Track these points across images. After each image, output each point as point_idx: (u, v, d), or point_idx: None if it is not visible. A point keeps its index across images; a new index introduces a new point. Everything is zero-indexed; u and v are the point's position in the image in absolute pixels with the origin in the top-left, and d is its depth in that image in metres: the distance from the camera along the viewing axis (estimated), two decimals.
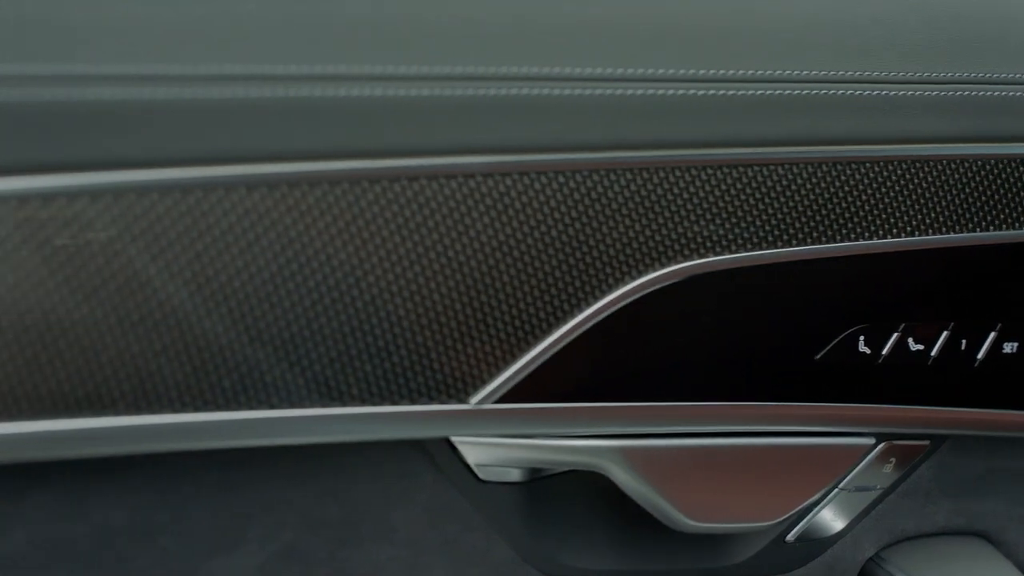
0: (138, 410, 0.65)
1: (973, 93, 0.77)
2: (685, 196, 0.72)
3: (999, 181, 0.77)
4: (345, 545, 0.78)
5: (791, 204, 0.74)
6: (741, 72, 0.73)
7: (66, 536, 0.72)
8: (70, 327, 0.63)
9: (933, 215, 0.78)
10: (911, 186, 0.77)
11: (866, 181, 0.76)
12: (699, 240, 0.73)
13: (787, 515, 0.87)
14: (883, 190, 0.76)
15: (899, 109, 0.76)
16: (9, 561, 0.70)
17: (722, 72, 0.73)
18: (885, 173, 0.76)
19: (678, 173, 0.72)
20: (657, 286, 0.73)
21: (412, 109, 0.66)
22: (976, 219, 0.78)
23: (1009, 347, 0.83)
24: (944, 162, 0.76)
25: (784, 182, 0.74)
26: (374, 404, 0.70)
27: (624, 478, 0.80)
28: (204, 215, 0.64)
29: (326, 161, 0.65)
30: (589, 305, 0.72)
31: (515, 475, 0.83)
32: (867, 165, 0.76)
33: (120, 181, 0.62)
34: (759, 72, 0.73)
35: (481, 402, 0.72)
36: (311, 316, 0.67)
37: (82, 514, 0.72)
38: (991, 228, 0.78)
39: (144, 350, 0.64)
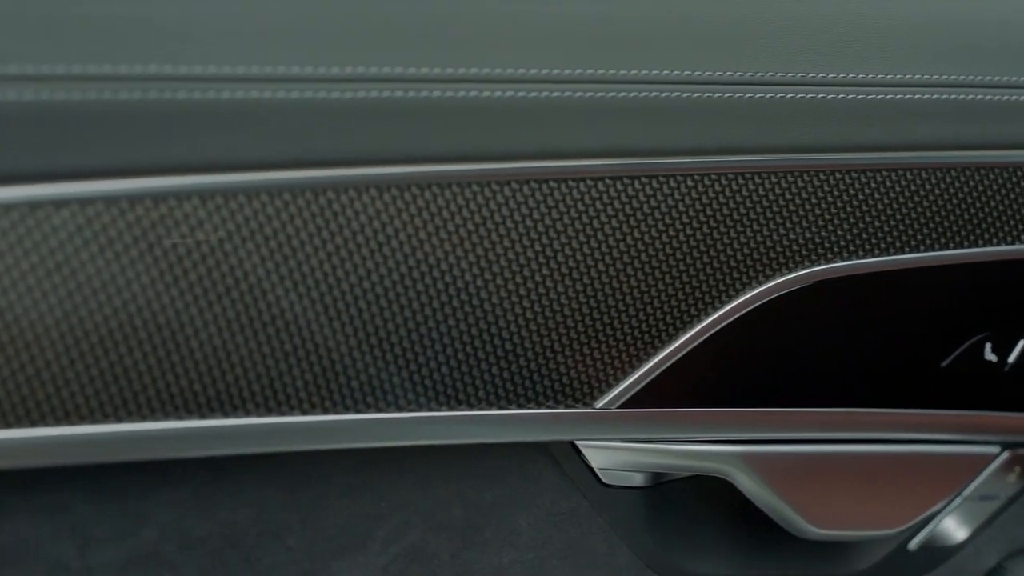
0: (268, 411, 0.66)
1: None
2: (813, 201, 0.72)
3: None
4: (469, 547, 0.79)
5: (919, 209, 0.74)
6: (871, 76, 0.72)
7: (195, 534, 0.72)
8: (201, 328, 0.63)
9: None
10: None
11: (995, 186, 0.75)
12: (826, 245, 0.73)
13: (910, 523, 0.86)
14: (1012, 195, 0.75)
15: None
16: (139, 558, 0.71)
17: (851, 76, 0.72)
18: (1015, 179, 0.75)
19: (806, 178, 0.71)
20: (783, 291, 0.73)
21: (541, 112, 0.66)
22: None
23: None
24: None
25: (912, 187, 0.73)
26: (500, 407, 0.70)
27: (748, 484, 0.79)
28: (335, 216, 0.64)
29: (457, 164, 0.65)
30: (716, 310, 0.72)
31: (638, 479, 0.82)
32: (996, 171, 0.75)
33: (257, 181, 0.63)
34: (888, 76, 0.73)
35: (606, 406, 0.72)
36: (439, 319, 0.67)
37: (211, 513, 0.72)
38: None
39: (273, 351, 0.65)
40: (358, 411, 0.68)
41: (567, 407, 0.71)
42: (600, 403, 0.72)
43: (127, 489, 0.71)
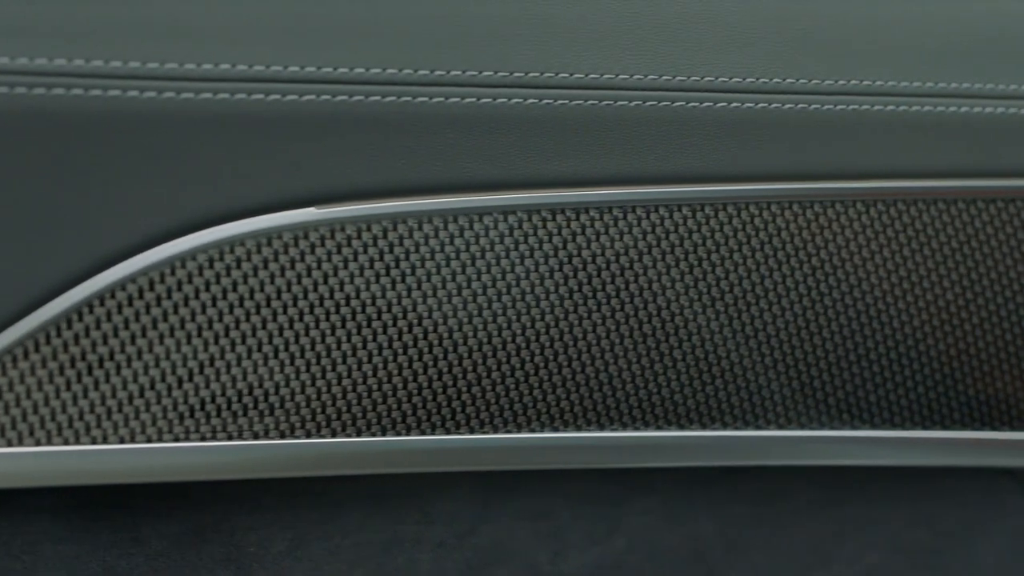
0: (744, 424, 0.66)
1: None
2: None
3: None
4: (929, 570, 0.77)
5: None
6: None
7: (662, 545, 0.73)
8: (685, 340, 0.64)
9: None
10: None
11: None
12: None
13: None
14: None
15: None
16: (607, 566, 0.72)
17: None
18: None
19: None
20: None
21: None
22: None
23: None
24: None
25: None
26: (973, 429, 0.69)
27: None
28: (778, 231, 0.64)
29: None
30: None
31: None
32: None
33: (679, 193, 0.63)
34: None
35: None
36: (915, 340, 0.66)
37: (679, 524, 0.73)
38: None
39: (741, 363, 0.65)
40: (833, 427, 0.67)
41: None
42: None
43: (603, 497, 0.72)
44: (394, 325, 0.61)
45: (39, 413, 0.58)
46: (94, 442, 0.59)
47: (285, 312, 0.60)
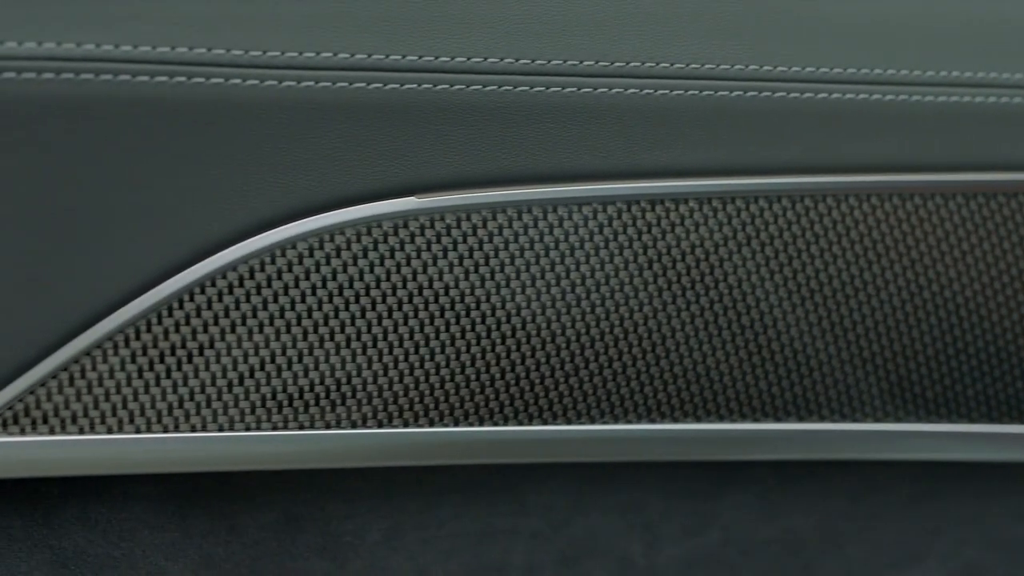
0: (841, 417, 0.65)
1: None
2: None
3: None
4: (1017, 566, 0.76)
5: None
6: None
7: (757, 539, 0.73)
8: (784, 331, 0.64)
9: None
10: None
11: None
12: None
13: None
14: None
15: None
16: (701, 559, 0.72)
17: None
18: None
19: None
20: None
21: None
22: None
23: None
24: None
25: None
26: None
27: None
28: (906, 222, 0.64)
29: None
30: None
31: None
32: None
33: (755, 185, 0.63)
34: None
35: None
36: (1015, 334, 0.66)
37: (774, 518, 0.73)
38: None
39: (861, 354, 0.64)
40: (930, 421, 0.67)
41: None
42: None
43: (697, 489, 0.72)
44: (492, 315, 0.61)
45: (139, 400, 0.59)
46: (193, 430, 0.59)
47: (384, 301, 0.60)
